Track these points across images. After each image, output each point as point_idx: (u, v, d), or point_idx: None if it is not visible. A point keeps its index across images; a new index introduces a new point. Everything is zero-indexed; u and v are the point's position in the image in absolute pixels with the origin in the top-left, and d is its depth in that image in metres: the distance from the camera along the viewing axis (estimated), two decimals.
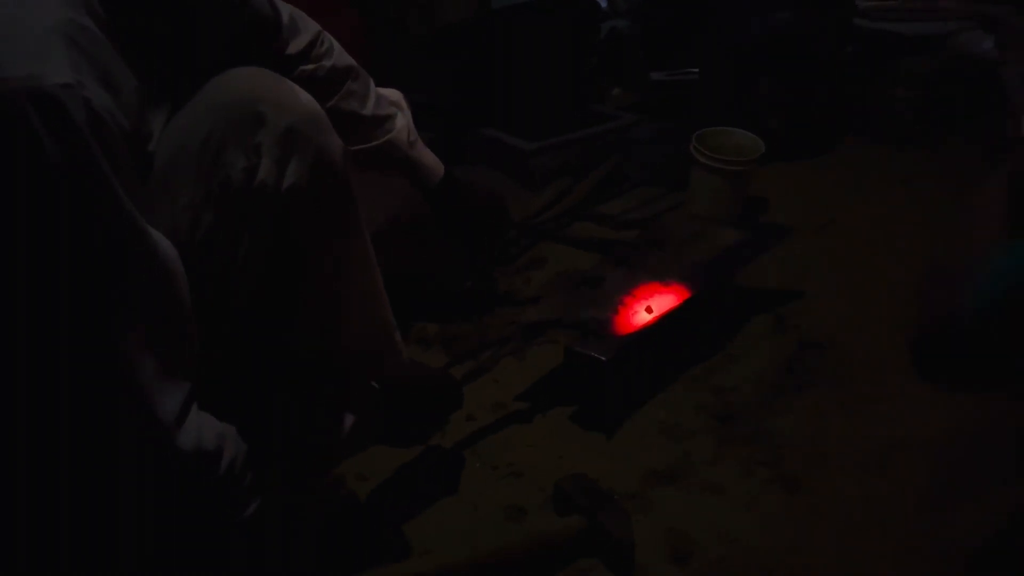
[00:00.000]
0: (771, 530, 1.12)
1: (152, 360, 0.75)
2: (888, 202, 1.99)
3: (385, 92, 1.33)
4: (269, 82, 0.88)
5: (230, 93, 0.86)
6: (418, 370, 1.22)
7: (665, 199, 2.12)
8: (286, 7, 1.11)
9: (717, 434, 1.31)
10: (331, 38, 1.19)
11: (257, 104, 0.84)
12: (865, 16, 2.59)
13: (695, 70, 2.61)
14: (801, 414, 1.33)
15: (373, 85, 1.27)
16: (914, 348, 0.78)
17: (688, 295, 1.44)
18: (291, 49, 1.11)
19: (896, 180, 2.10)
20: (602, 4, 2.97)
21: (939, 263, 0.79)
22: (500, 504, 1.21)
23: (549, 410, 1.41)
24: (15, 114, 0.65)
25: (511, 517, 1.19)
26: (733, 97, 2.26)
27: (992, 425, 1.25)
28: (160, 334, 0.77)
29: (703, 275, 1.50)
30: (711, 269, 1.53)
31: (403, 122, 1.32)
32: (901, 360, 1.40)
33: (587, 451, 1.31)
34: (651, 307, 1.40)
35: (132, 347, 0.74)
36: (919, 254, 1.73)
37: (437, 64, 2.36)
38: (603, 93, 2.85)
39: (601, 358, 1.29)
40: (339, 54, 1.19)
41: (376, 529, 1.19)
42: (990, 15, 2.38)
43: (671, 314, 1.40)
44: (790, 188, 2.10)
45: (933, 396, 1.32)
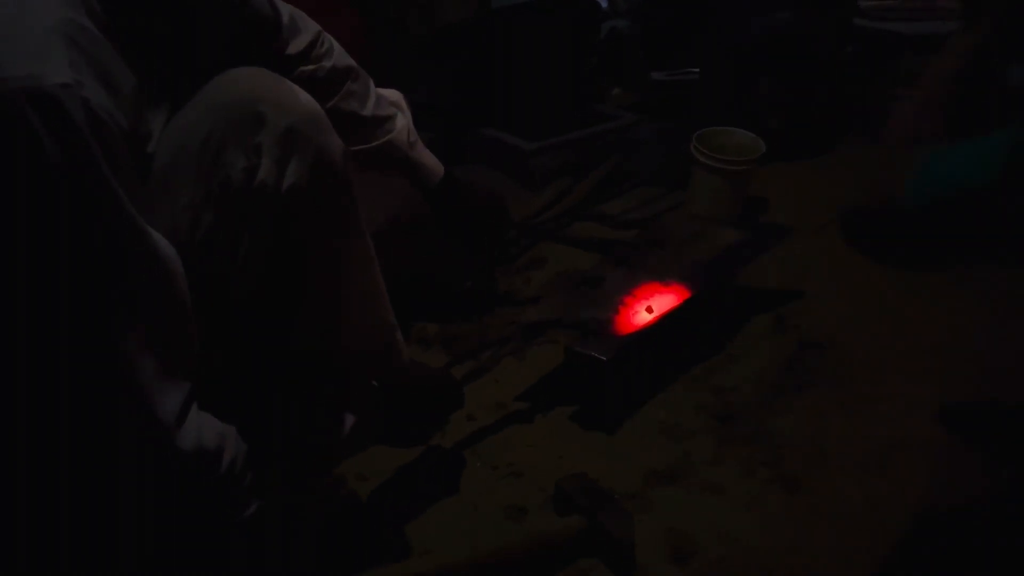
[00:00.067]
0: (771, 530, 1.12)
1: (152, 360, 0.76)
2: None
3: (385, 92, 1.33)
4: (269, 82, 0.88)
5: (230, 93, 0.86)
6: (418, 370, 1.22)
7: (665, 199, 2.12)
8: (286, 7, 1.11)
9: (717, 434, 1.31)
10: (331, 38, 1.19)
11: (257, 104, 0.84)
12: (865, 16, 2.60)
13: (695, 70, 2.61)
14: (801, 414, 1.33)
15: (373, 86, 1.27)
16: (847, 218, 0.83)
17: (688, 295, 1.44)
18: (291, 49, 1.11)
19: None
20: (602, 4, 2.97)
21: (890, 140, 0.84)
22: (500, 504, 1.21)
23: (549, 410, 1.41)
24: (14, 114, 0.65)
25: (511, 517, 1.19)
26: (733, 97, 2.26)
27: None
28: (160, 334, 0.77)
29: (703, 275, 1.50)
30: (711, 269, 1.53)
31: (403, 123, 1.32)
32: (901, 360, 1.42)
33: (587, 451, 1.31)
34: (651, 307, 1.40)
35: (132, 347, 0.74)
36: None
37: (437, 64, 2.36)
38: (603, 93, 2.85)
39: (601, 358, 1.29)
40: (339, 54, 1.19)
41: (376, 529, 1.19)
42: None
43: (671, 314, 1.40)
44: (790, 188, 2.09)
45: (933, 396, 1.33)
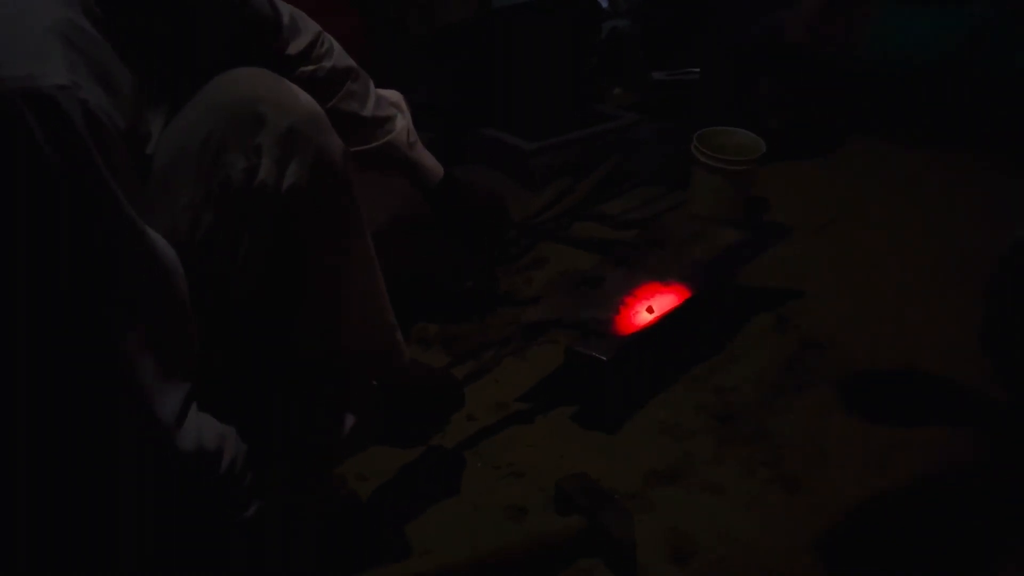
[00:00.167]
0: (771, 530, 1.12)
1: (152, 360, 0.76)
2: (888, 202, 1.99)
3: (385, 93, 1.33)
4: (269, 82, 0.88)
5: (230, 93, 0.86)
6: (419, 370, 1.22)
7: (665, 199, 2.12)
8: (286, 7, 1.11)
9: (717, 434, 1.31)
10: (331, 39, 1.19)
11: (257, 104, 0.84)
12: None
13: (695, 70, 2.61)
14: (801, 414, 1.33)
15: (373, 86, 1.27)
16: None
17: (688, 295, 1.44)
18: (291, 50, 1.11)
19: (897, 180, 2.10)
20: (602, 4, 2.97)
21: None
22: (501, 504, 1.21)
23: (550, 410, 1.41)
24: (12, 115, 0.65)
25: (512, 517, 1.19)
26: (733, 97, 2.26)
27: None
28: (160, 334, 0.77)
29: (703, 275, 1.50)
30: (711, 269, 1.52)
31: (403, 123, 1.32)
32: (901, 360, 1.42)
33: (588, 451, 1.31)
34: (652, 307, 1.40)
35: (132, 347, 0.74)
36: (920, 253, 1.73)
37: (437, 64, 2.36)
38: (603, 93, 2.85)
39: (602, 358, 1.29)
40: (339, 55, 1.19)
41: (376, 529, 1.19)
42: None
43: (672, 314, 1.40)
44: (790, 188, 2.09)
45: (933, 396, 1.33)
